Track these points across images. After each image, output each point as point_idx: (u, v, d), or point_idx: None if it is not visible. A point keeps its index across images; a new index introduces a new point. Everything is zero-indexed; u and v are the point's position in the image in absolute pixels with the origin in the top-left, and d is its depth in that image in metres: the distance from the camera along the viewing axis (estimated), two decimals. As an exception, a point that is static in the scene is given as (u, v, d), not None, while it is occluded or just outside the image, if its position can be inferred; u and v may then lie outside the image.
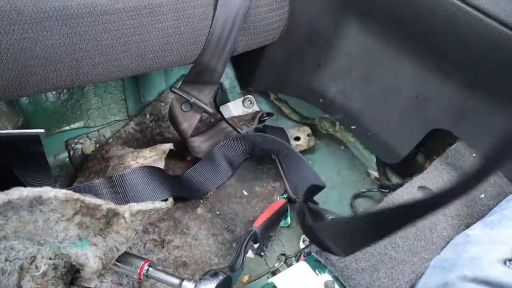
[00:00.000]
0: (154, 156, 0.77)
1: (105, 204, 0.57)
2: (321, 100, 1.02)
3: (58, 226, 0.55)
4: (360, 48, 0.94)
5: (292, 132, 1.08)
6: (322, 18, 0.93)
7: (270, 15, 0.82)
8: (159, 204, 0.68)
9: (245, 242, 0.74)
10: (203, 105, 0.82)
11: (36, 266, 0.59)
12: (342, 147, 1.12)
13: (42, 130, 0.74)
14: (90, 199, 0.56)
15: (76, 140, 0.86)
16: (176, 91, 0.82)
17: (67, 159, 0.85)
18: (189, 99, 0.82)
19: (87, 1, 0.63)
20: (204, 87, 0.83)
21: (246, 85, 1.04)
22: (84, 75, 0.66)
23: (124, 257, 0.65)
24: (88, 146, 0.86)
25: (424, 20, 0.79)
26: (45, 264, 0.60)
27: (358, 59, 0.95)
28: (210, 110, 0.83)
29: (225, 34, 0.77)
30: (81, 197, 0.55)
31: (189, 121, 0.84)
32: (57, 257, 0.60)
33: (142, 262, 0.65)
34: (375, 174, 1.06)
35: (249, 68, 0.98)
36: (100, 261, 0.58)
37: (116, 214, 0.60)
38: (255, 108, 1.05)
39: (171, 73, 0.96)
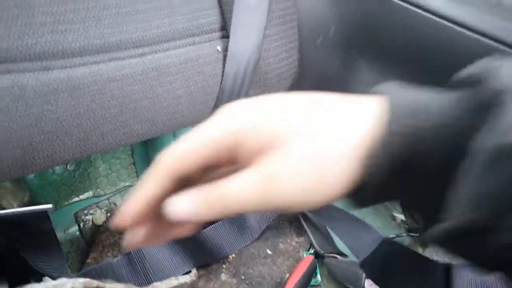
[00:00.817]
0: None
1: (127, 291, 0.52)
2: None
3: (74, 320, 0.49)
4: (374, 89, 0.90)
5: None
6: (332, 62, 0.90)
7: (280, 65, 0.79)
8: (183, 279, 0.62)
9: (278, 311, 0.68)
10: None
11: None
12: (363, 191, 1.06)
13: (50, 205, 0.69)
14: (110, 286, 0.51)
15: (85, 211, 0.81)
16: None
17: (77, 233, 0.80)
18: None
19: (93, 70, 0.60)
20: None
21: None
22: (92, 146, 0.62)
23: None
24: (98, 216, 0.81)
25: (439, 56, 0.76)
26: None
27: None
28: (226, 168, 0.78)
29: (236, 89, 0.74)
30: (101, 284, 0.50)
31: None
32: None
33: None
34: (400, 217, 1.01)
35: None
36: None
37: (138, 299, 0.54)
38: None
39: (181, 131, 0.92)
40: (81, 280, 0.47)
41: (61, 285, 0.45)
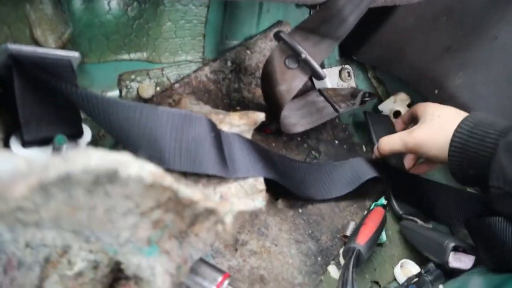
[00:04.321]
0: (243, 126, 0.55)
1: (204, 201, 0.36)
2: (436, 91, 0.80)
3: (124, 221, 0.34)
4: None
5: (388, 106, 0.84)
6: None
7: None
8: (260, 204, 0.47)
9: (351, 267, 0.53)
10: (315, 65, 0.60)
11: (69, 261, 0.38)
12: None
13: (76, 54, 0.52)
14: (185, 191, 0.34)
15: (133, 76, 0.64)
16: (285, 38, 0.60)
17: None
18: (300, 52, 0.59)
19: None
20: (322, 40, 0.60)
21: (349, 52, 0.81)
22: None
23: (194, 266, 0.44)
24: (146, 87, 0.64)
25: None
26: (82, 260, 0.38)
27: (508, 50, 0.73)
28: (323, 73, 0.61)
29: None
30: (174, 185, 0.33)
31: (291, 83, 0.61)
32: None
33: (220, 277, 0.44)
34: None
35: (362, 32, 0.75)
36: (170, 280, 0.37)
37: (211, 213, 0.38)
38: (352, 83, 0.83)
39: (266, 15, 0.73)
40: (150, 167, 0.31)
41: (124, 164, 0.29)
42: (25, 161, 0.23)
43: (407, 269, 0.66)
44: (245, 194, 0.49)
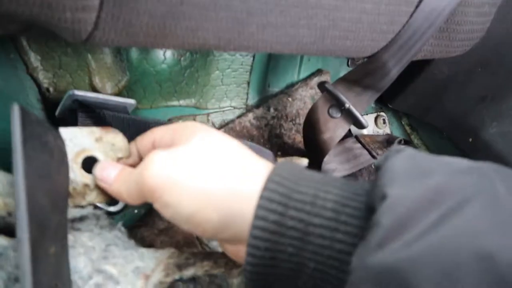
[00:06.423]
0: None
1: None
2: (470, 140, 0.82)
3: None
4: (552, 88, 0.73)
5: None
6: (513, 40, 0.73)
7: (476, 20, 0.62)
8: None
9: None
10: (357, 115, 0.62)
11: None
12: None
13: (132, 101, 0.56)
14: None
15: (180, 121, 0.66)
16: (330, 88, 0.62)
17: (165, 143, 0.66)
18: (344, 102, 0.62)
19: None
20: (364, 91, 0.63)
21: (385, 100, 0.84)
22: (246, 37, 0.47)
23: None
24: (193, 131, 0.67)
25: None
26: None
27: (543, 101, 0.74)
28: (365, 123, 0.63)
29: (420, 30, 0.57)
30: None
31: (334, 131, 0.63)
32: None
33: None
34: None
35: (399, 81, 0.78)
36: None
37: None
38: (387, 130, 0.85)
39: (308, 64, 0.76)
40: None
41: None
42: None
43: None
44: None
